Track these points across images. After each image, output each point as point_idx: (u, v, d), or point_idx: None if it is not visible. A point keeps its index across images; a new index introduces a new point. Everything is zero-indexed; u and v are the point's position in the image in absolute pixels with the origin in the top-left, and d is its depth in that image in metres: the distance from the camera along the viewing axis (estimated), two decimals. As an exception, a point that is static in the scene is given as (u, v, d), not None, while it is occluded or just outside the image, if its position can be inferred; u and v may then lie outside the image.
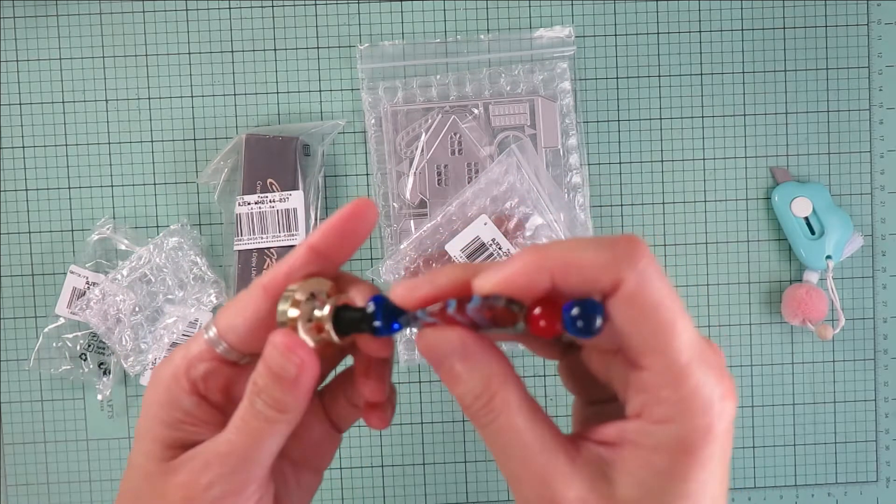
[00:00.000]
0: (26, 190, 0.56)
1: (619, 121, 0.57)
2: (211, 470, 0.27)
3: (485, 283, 0.25)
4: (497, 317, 0.25)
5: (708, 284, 0.57)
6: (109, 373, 0.56)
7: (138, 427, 0.30)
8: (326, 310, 0.28)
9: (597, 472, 0.25)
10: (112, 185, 0.56)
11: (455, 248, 0.53)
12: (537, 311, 0.25)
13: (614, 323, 0.25)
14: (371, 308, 0.27)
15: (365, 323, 0.27)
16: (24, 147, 0.56)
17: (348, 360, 0.32)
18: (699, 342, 0.25)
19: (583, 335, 0.24)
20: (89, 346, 0.55)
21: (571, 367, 0.30)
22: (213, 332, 0.29)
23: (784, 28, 0.57)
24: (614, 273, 0.24)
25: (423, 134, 0.55)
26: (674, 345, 0.24)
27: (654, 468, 0.24)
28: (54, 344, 0.55)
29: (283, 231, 0.54)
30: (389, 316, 0.27)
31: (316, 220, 0.55)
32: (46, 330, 0.55)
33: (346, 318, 0.28)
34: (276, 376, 0.27)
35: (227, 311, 0.29)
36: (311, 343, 0.28)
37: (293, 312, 0.27)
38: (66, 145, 0.56)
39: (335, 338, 0.28)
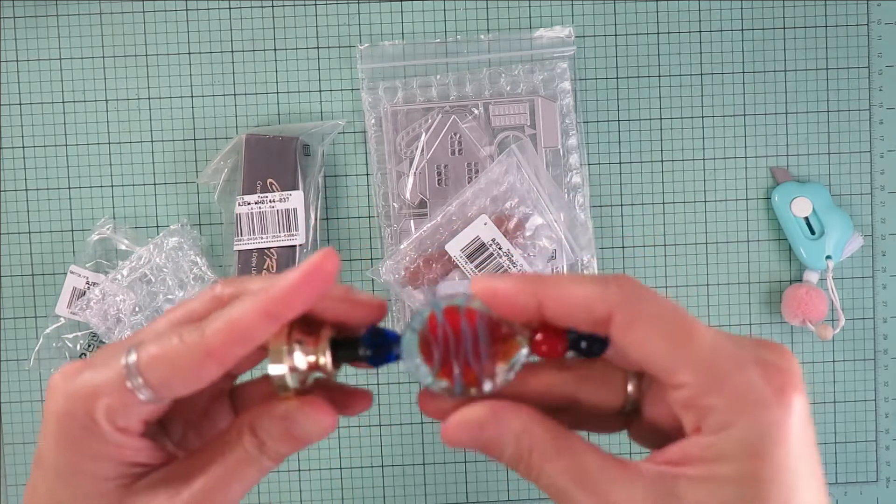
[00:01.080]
0: (26, 190, 0.56)
1: (619, 121, 0.57)
2: None
3: (479, 285, 0.26)
4: (503, 348, 0.26)
5: (708, 284, 0.57)
6: (109, 373, 0.55)
7: (49, 457, 0.26)
8: (326, 351, 0.27)
9: (661, 491, 0.24)
10: (112, 185, 0.56)
11: (455, 248, 0.53)
12: (539, 336, 0.26)
13: (629, 353, 0.24)
14: (365, 345, 0.27)
15: (362, 354, 0.27)
16: (24, 147, 0.56)
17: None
18: (726, 343, 0.24)
19: (587, 355, 0.25)
20: (89, 346, 0.55)
21: (639, 430, 0.29)
22: (132, 360, 0.25)
23: (784, 28, 0.57)
24: (604, 304, 0.24)
25: (423, 134, 0.55)
26: (695, 353, 0.23)
27: (725, 478, 0.23)
28: (54, 344, 0.55)
29: (283, 231, 0.54)
30: (384, 348, 0.27)
31: (316, 220, 0.55)
32: (47, 331, 0.55)
33: (343, 355, 0.27)
34: (295, 440, 0.26)
35: (156, 358, 0.25)
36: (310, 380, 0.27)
37: (299, 362, 0.26)
38: (66, 145, 0.56)
39: (330, 370, 0.27)
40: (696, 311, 0.57)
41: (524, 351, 0.26)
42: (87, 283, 0.55)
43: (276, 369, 0.26)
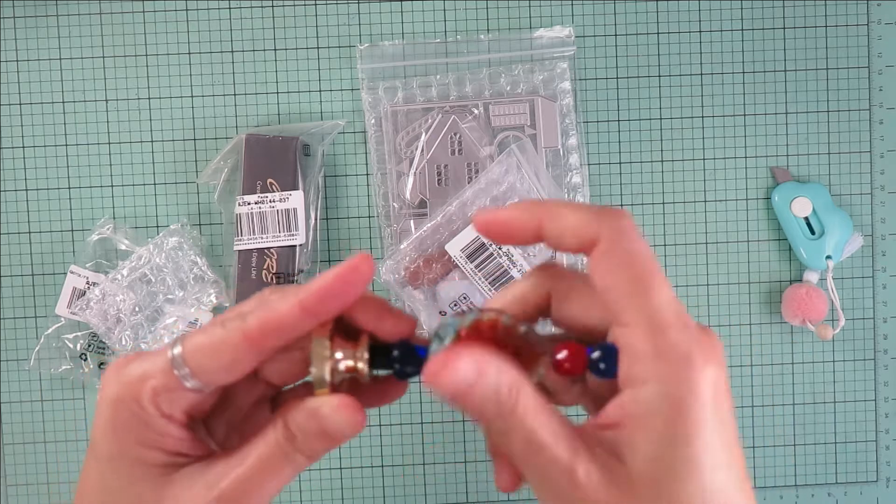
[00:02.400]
0: (26, 190, 0.56)
1: (619, 121, 0.57)
2: None
3: (480, 220, 0.28)
4: (524, 361, 0.27)
5: (708, 284, 0.57)
6: (109, 373, 0.55)
7: (101, 444, 0.28)
8: (364, 356, 0.28)
9: (611, 455, 0.25)
10: (112, 185, 0.56)
11: (455, 247, 0.53)
12: (561, 355, 0.27)
13: (595, 279, 0.26)
14: (396, 356, 0.28)
15: (398, 367, 0.28)
16: (24, 147, 0.56)
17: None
18: (678, 304, 0.26)
19: (604, 376, 0.27)
20: (89, 346, 0.55)
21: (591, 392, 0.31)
22: (185, 371, 0.27)
23: (784, 28, 0.57)
24: (594, 228, 0.26)
25: (423, 134, 0.55)
26: (649, 297, 0.25)
27: (655, 435, 0.25)
28: (53, 344, 0.55)
29: (283, 231, 0.54)
30: (413, 360, 0.28)
31: (316, 220, 0.55)
32: (48, 332, 0.55)
33: (379, 361, 0.28)
34: (327, 436, 0.27)
35: (200, 348, 0.27)
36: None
37: (338, 363, 0.27)
38: (66, 145, 0.56)
39: (365, 373, 0.28)
40: (696, 311, 0.57)
41: (541, 370, 0.27)
42: (87, 283, 0.55)
43: (316, 367, 0.27)
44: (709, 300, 0.57)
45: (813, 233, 0.56)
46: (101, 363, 0.56)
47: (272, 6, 0.56)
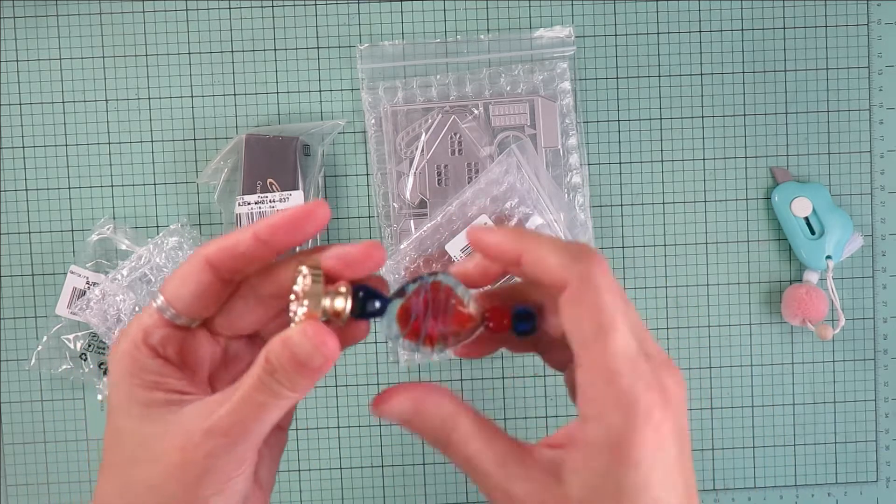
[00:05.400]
0: (26, 190, 0.56)
1: (619, 121, 0.57)
2: (212, 439, 0.28)
3: (471, 236, 0.30)
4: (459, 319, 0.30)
5: (708, 284, 0.57)
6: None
7: (114, 396, 0.30)
8: (349, 299, 0.29)
9: (550, 474, 0.27)
10: (112, 185, 0.56)
11: (455, 248, 0.53)
12: (488, 314, 0.31)
13: (563, 321, 0.28)
14: (356, 297, 0.30)
15: (350, 307, 0.30)
16: (24, 147, 0.56)
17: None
18: (638, 352, 0.27)
19: (522, 335, 0.31)
20: (89, 346, 0.55)
21: (569, 378, 0.33)
22: (160, 300, 0.30)
23: (784, 28, 0.57)
24: (565, 274, 0.28)
25: (423, 134, 0.55)
26: (605, 346, 0.27)
27: (595, 465, 0.26)
28: (54, 344, 0.55)
29: (283, 231, 0.54)
30: (371, 300, 0.30)
31: (316, 220, 0.55)
32: (51, 332, 0.55)
33: (363, 308, 0.30)
34: (299, 363, 0.28)
35: (171, 280, 0.30)
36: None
37: (325, 302, 0.29)
38: (66, 145, 0.56)
39: (342, 321, 0.29)
40: (696, 311, 0.57)
41: (480, 329, 0.31)
42: (87, 283, 0.55)
43: (310, 303, 0.28)
44: (709, 300, 0.57)
45: (813, 233, 0.56)
46: (101, 363, 0.56)
47: (272, 6, 0.56)
